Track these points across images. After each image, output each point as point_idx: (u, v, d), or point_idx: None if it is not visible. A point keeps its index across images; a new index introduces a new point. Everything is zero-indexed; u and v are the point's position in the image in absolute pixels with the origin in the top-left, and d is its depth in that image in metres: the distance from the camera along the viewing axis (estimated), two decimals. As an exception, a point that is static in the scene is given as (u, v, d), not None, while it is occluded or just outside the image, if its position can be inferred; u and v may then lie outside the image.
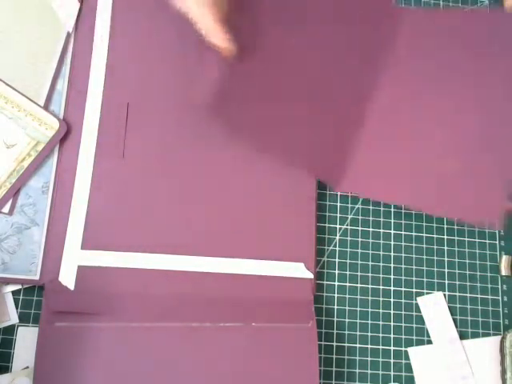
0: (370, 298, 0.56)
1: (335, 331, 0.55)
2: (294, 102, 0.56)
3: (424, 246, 0.58)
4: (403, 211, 0.58)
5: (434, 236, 0.58)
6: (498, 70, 0.58)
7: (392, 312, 0.56)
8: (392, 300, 0.56)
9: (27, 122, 0.52)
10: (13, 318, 0.50)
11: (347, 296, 0.56)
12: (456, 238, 0.59)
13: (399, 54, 0.59)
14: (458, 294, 0.57)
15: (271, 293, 0.52)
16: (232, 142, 0.55)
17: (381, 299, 0.56)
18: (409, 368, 0.55)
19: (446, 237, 0.58)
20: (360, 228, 0.57)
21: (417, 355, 0.55)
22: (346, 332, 0.55)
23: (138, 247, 0.51)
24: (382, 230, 0.58)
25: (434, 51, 0.59)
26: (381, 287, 0.56)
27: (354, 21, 0.59)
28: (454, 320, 0.56)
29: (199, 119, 0.55)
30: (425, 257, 0.58)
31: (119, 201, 0.52)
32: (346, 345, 0.54)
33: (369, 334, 0.55)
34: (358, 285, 0.56)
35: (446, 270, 0.58)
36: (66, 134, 0.52)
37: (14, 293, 0.51)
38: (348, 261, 0.56)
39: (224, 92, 0.52)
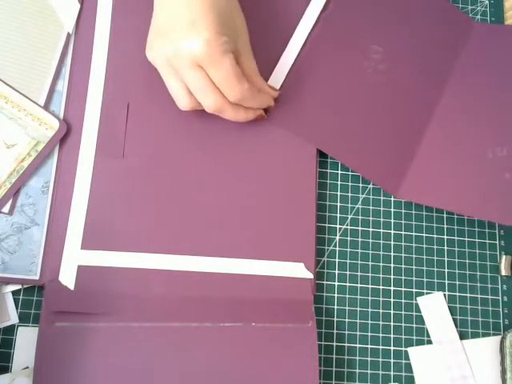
0: (369, 298, 0.56)
1: (335, 331, 0.55)
2: (363, 107, 0.58)
3: (424, 245, 0.58)
4: (403, 211, 0.58)
5: (434, 236, 0.58)
6: None
7: (392, 312, 0.56)
8: (392, 300, 0.56)
9: (27, 121, 0.52)
10: (13, 318, 0.50)
11: (347, 296, 0.56)
12: (456, 238, 0.59)
13: (464, 65, 0.61)
14: (457, 294, 0.57)
15: (271, 293, 0.52)
16: (231, 142, 0.56)
17: (381, 299, 0.56)
18: (409, 368, 0.55)
19: (445, 237, 0.58)
20: (360, 228, 0.57)
21: (417, 355, 0.55)
22: (346, 332, 0.55)
23: (138, 247, 0.52)
24: (381, 230, 0.58)
25: (499, 65, 0.61)
26: (381, 287, 0.56)
27: (422, 32, 0.62)
28: (454, 320, 0.56)
29: (199, 119, 0.55)
30: (425, 257, 0.58)
31: (119, 201, 0.52)
32: (346, 345, 0.54)
33: (369, 334, 0.55)
34: (358, 285, 0.56)
35: (446, 270, 0.58)
36: (66, 134, 0.53)
37: (14, 293, 0.51)
38: (348, 261, 0.56)
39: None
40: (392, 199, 0.59)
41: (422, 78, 0.61)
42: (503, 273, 0.58)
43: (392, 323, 0.55)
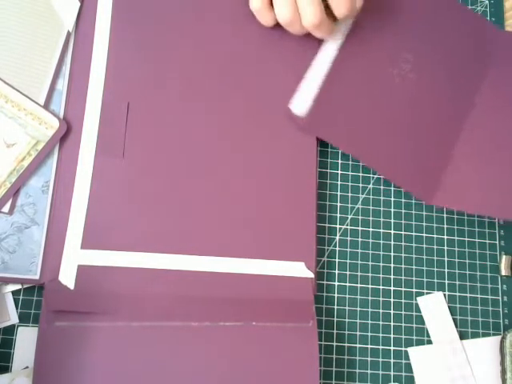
0: (369, 298, 0.56)
1: (335, 331, 0.55)
2: (394, 115, 0.59)
3: (424, 246, 0.58)
4: (403, 211, 0.58)
5: (434, 236, 0.58)
6: None
7: (392, 312, 0.56)
8: (392, 300, 0.56)
9: (27, 121, 0.51)
10: (13, 318, 0.50)
11: (347, 296, 0.56)
12: (456, 238, 0.59)
13: (494, 74, 0.62)
14: (457, 294, 0.57)
15: (271, 292, 0.52)
16: (232, 142, 0.56)
17: (381, 299, 0.56)
18: (409, 368, 0.55)
19: (445, 237, 0.58)
20: (360, 228, 0.58)
21: (417, 355, 0.55)
22: (346, 332, 0.55)
23: (138, 246, 0.51)
24: (381, 230, 0.58)
25: None
26: (381, 287, 0.56)
27: (452, 42, 0.62)
28: (454, 320, 0.56)
29: (199, 119, 0.55)
30: (425, 257, 0.58)
31: (119, 200, 0.52)
32: (346, 345, 0.54)
33: (369, 334, 0.55)
34: (358, 285, 0.56)
35: (446, 270, 0.58)
36: (66, 134, 0.52)
37: (14, 293, 0.51)
38: (348, 261, 0.56)
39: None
40: (392, 199, 0.59)
41: (453, 85, 0.61)
42: (503, 273, 0.58)
43: (392, 323, 0.55)
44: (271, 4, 0.55)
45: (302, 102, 0.57)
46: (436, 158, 0.58)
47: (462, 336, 0.56)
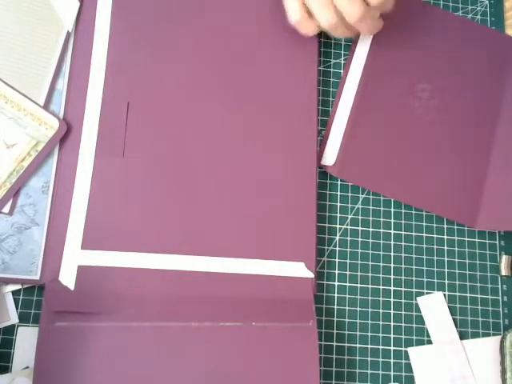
0: (369, 297, 0.56)
1: (335, 331, 0.55)
2: (424, 146, 0.59)
3: (424, 245, 0.58)
4: (403, 211, 0.58)
5: (434, 236, 0.58)
6: None
7: (392, 312, 0.56)
8: (392, 300, 0.56)
9: (27, 121, 0.51)
10: (13, 318, 0.50)
11: (347, 296, 0.56)
12: (456, 238, 0.59)
13: None
14: (457, 293, 0.57)
15: (271, 292, 0.52)
16: (232, 142, 0.56)
17: (381, 299, 0.56)
18: (409, 368, 0.55)
19: (445, 237, 0.58)
20: (360, 228, 0.57)
21: (417, 355, 0.55)
22: (346, 332, 0.55)
23: (139, 247, 0.51)
24: (381, 230, 0.58)
25: None
26: (381, 287, 0.56)
27: (468, 61, 0.62)
28: (454, 320, 0.56)
29: (199, 119, 0.55)
30: (425, 257, 0.58)
31: (119, 200, 0.52)
32: (346, 345, 0.54)
33: (369, 334, 0.55)
34: (358, 285, 0.56)
35: (446, 270, 0.58)
36: (66, 134, 0.52)
37: (14, 293, 0.51)
38: (348, 261, 0.56)
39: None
40: (392, 199, 0.59)
41: (476, 103, 0.61)
42: (503, 273, 0.58)
43: (392, 323, 0.55)
44: (309, 13, 0.55)
45: (330, 153, 0.57)
46: (472, 180, 0.59)
47: (462, 336, 0.56)
